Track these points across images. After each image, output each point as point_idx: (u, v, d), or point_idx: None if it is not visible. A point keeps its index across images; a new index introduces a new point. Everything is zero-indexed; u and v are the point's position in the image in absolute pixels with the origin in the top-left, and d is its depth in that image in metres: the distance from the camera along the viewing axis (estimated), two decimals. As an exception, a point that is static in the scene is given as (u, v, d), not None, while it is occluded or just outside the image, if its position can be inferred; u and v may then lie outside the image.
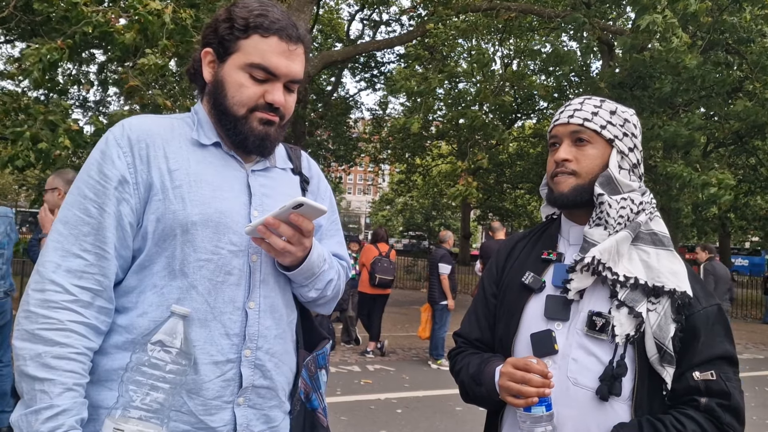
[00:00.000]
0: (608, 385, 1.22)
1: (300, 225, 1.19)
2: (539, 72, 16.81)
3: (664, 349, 1.22)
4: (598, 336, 1.25)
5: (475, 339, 1.47)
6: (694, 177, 9.42)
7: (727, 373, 1.23)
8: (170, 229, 1.17)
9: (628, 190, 1.31)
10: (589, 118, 1.32)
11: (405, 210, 38.87)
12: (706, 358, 1.23)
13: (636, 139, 1.35)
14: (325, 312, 1.44)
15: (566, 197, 1.33)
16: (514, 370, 1.23)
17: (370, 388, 6.37)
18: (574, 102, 1.38)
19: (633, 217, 1.30)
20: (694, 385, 1.21)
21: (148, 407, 1.05)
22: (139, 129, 1.22)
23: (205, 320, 1.18)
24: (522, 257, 1.43)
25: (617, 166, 1.31)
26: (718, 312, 1.28)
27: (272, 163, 1.36)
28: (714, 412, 1.19)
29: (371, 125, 22.36)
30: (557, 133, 1.36)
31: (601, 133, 1.31)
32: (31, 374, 1.05)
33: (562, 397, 1.25)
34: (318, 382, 1.39)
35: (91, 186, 1.16)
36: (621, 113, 1.34)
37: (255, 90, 1.23)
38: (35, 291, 1.10)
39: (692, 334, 1.24)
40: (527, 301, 1.35)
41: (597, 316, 1.25)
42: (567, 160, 1.32)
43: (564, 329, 1.29)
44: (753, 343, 11.85)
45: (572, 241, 1.38)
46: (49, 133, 5.71)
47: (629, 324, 1.24)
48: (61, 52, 5.63)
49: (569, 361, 1.27)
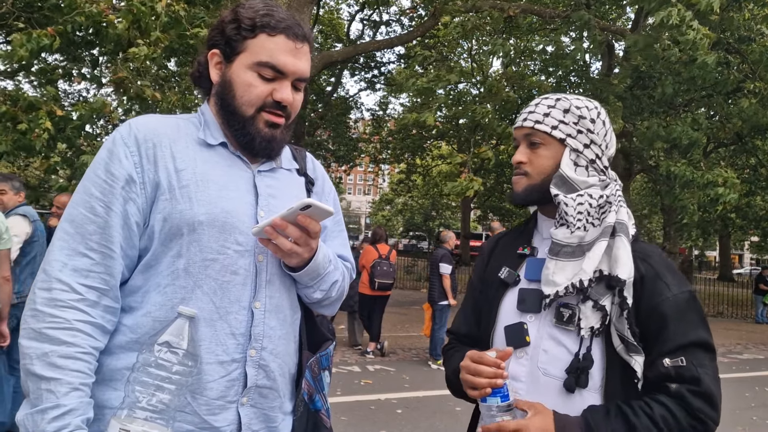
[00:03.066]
0: (575, 377, 1.25)
1: (307, 226, 1.19)
2: (539, 72, 16.81)
3: (626, 339, 1.23)
4: (566, 327, 1.28)
5: (464, 335, 1.51)
6: (697, 176, 9.42)
7: (700, 359, 1.23)
8: (177, 228, 1.17)
9: (586, 187, 1.33)
10: (540, 120, 1.35)
11: (405, 210, 38.87)
12: (677, 345, 1.23)
13: (593, 134, 1.35)
14: (329, 313, 1.45)
15: (518, 197, 1.39)
16: (470, 362, 1.27)
17: (370, 388, 6.37)
18: (531, 103, 1.41)
19: (594, 212, 1.31)
20: (665, 372, 1.22)
21: (154, 408, 1.05)
22: (146, 128, 1.22)
23: (211, 320, 1.18)
24: (502, 253, 1.47)
25: (571, 164, 1.33)
26: (691, 298, 1.28)
27: (278, 163, 1.36)
28: (684, 398, 1.20)
29: (371, 125, 22.35)
30: (516, 135, 1.42)
31: (552, 134, 1.34)
32: (37, 373, 1.06)
33: (534, 387, 1.29)
34: (321, 383, 1.39)
35: (98, 185, 1.16)
36: (576, 110, 1.35)
37: (263, 89, 1.24)
38: (42, 290, 1.10)
39: (661, 321, 1.25)
40: (504, 295, 1.39)
41: (564, 307, 1.28)
42: (521, 162, 1.37)
43: (536, 321, 1.32)
44: (753, 343, 11.85)
45: (545, 235, 1.41)
46: (30, 116, 5.69)
47: (594, 317, 1.25)
48: (51, 38, 5.62)
49: (540, 352, 1.30)
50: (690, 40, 7.62)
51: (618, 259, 1.26)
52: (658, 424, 1.18)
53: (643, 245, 1.34)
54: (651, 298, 1.26)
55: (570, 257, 1.29)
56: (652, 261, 1.30)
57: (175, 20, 5.98)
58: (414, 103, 17.22)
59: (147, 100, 6.09)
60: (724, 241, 31.05)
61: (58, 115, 5.81)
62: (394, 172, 29.49)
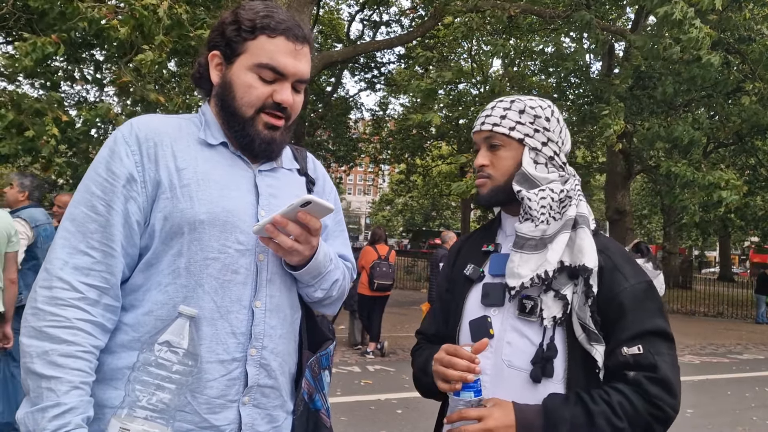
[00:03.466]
0: (540, 367, 1.27)
1: (308, 223, 1.20)
2: (539, 72, 16.81)
3: (588, 328, 1.26)
4: (528, 318, 1.30)
5: (433, 334, 1.53)
6: (698, 177, 9.41)
7: (658, 347, 1.25)
8: (178, 227, 1.18)
9: (546, 183, 1.37)
10: (498, 122, 1.39)
11: (405, 210, 38.87)
12: (634, 334, 1.25)
13: (549, 132, 1.39)
14: (330, 313, 1.45)
15: (484, 198, 1.42)
16: (444, 354, 1.28)
17: (370, 388, 6.37)
18: (487, 107, 1.44)
19: (556, 206, 1.34)
20: (624, 360, 1.25)
21: (154, 407, 1.05)
22: (148, 128, 1.23)
23: (212, 319, 1.18)
24: (468, 252, 1.51)
25: (532, 162, 1.37)
26: (648, 288, 1.31)
27: (279, 163, 1.36)
28: (641, 385, 1.22)
29: (371, 126, 22.34)
30: (475, 140, 1.45)
31: (511, 135, 1.38)
32: (37, 372, 1.06)
33: (498, 379, 1.31)
34: (321, 383, 1.39)
35: (99, 183, 1.17)
36: (530, 110, 1.39)
37: (263, 90, 1.24)
38: (43, 288, 1.11)
39: (619, 311, 1.27)
40: (469, 291, 1.42)
41: (527, 299, 1.31)
42: (484, 165, 1.41)
43: (500, 314, 1.35)
44: (753, 343, 11.86)
45: (508, 232, 1.44)
46: (37, 121, 5.70)
47: (556, 307, 1.28)
48: (55, 46, 5.63)
49: (504, 345, 1.32)
50: (693, 38, 7.59)
51: (582, 249, 1.29)
52: (615, 411, 1.21)
53: (602, 238, 1.38)
54: (609, 288, 1.29)
55: (533, 250, 1.33)
56: (610, 253, 1.33)
57: (177, 22, 5.98)
58: (414, 103, 17.21)
59: (151, 103, 6.10)
60: (724, 241, 31.03)
61: (63, 121, 5.83)
62: (394, 173, 29.47)
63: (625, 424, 1.20)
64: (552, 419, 1.21)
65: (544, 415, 1.23)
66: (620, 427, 1.20)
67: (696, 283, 23.94)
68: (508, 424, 1.21)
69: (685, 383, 5.82)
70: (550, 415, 1.22)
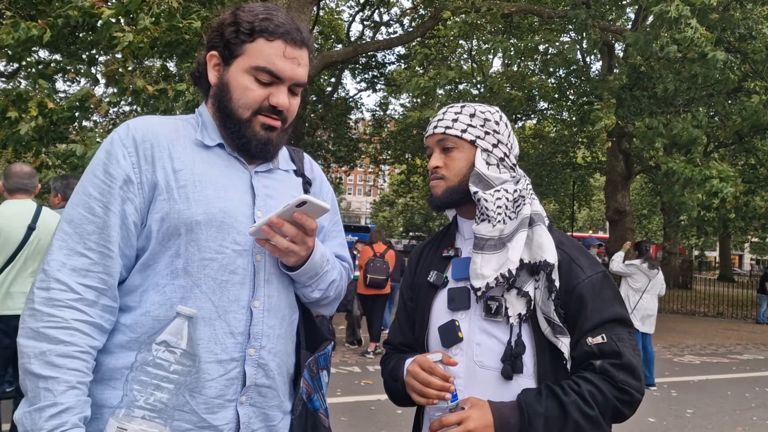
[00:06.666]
0: (511, 364, 1.31)
1: (303, 223, 1.20)
2: (539, 72, 16.82)
3: (553, 321, 1.30)
4: (495, 319, 1.34)
5: (400, 343, 1.56)
6: (695, 173, 9.41)
7: (619, 333, 1.31)
8: (175, 228, 1.18)
9: (500, 183, 1.41)
10: (450, 125, 1.43)
11: (405, 211, 38.90)
12: (596, 323, 1.30)
13: (499, 135, 1.43)
14: (328, 313, 1.45)
15: (439, 199, 1.45)
16: (419, 370, 1.31)
17: (370, 388, 6.37)
18: (439, 113, 1.48)
19: (511, 206, 1.38)
20: (589, 350, 1.29)
21: (152, 407, 1.05)
22: (144, 129, 1.23)
23: (210, 319, 1.18)
24: (428, 259, 1.54)
25: (484, 163, 1.42)
26: (604, 278, 1.36)
27: (275, 164, 1.37)
28: (608, 372, 1.27)
29: (371, 126, 22.33)
30: (428, 143, 1.48)
31: (463, 137, 1.41)
32: (35, 372, 1.06)
33: (471, 380, 1.35)
34: (320, 383, 1.39)
35: (96, 185, 1.17)
36: (480, 114, 1.43)
37: (260, 93, 1.25)
38: (40, 289, 1.11)
39: (580, 302, 1.32)
40: (434, 298, 1.45)
41: (491, 300, 1.34)
42: (438, 167, 1.44)
43: (467, 317, 1.38)
44: (753, 343, 11.85)
45: (467, 235, 1.48)
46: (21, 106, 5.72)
47: (519, 304, 1.33)
48: (41, 30, 5.64)
49: (474, 346, 1.36)
50: (688, 37, 7.60)
51: (542, 245, 1.34)
52: (586, 400, 1.25)
53: (556, 233, 1.42)
54: (568, 281, 1.34)
55: (493, 250, 1.37)
56: (565, 247, 1.38)
57: (168, 12, 5.96)
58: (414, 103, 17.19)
59: (140, 93, 6.07)
60: (724, 241, 31.03)
61: (49, 108, 5.82)
62: (395, 173, 29.48)
63: (596, 411, 1.25)
64: (527, 415, 1.26)
65: (519, 411, 1.26)
66: (592, 415, 1.25)
67: (696, 284, 23.94)
68: (486, 424, 1.25)
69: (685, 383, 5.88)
70: (525, 410, 1.26)
